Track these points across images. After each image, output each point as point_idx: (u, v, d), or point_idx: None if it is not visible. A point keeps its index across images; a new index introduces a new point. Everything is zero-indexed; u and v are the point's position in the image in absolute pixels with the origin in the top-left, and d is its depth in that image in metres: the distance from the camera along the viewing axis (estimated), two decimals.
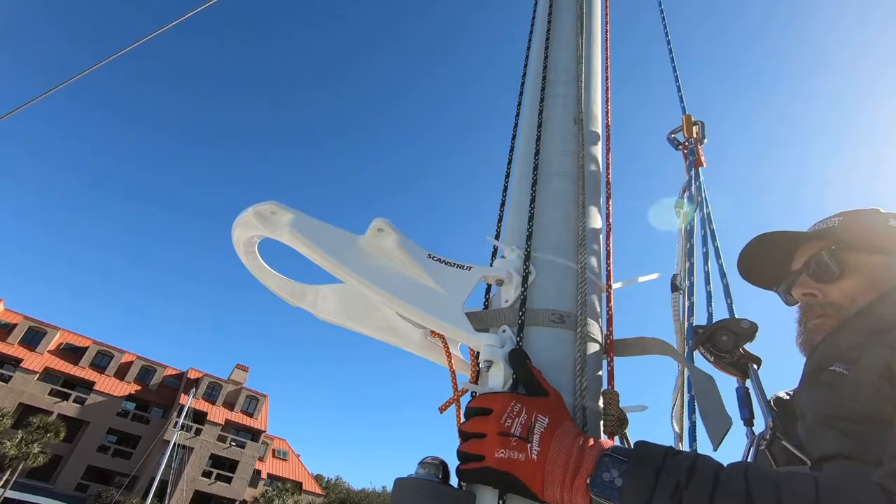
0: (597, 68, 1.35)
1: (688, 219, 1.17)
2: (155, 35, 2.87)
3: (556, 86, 1.23)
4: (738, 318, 0.76)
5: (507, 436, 0.68)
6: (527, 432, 0.67)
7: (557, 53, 1.30)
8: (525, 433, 0.67)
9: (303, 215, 0.89)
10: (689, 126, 1.34)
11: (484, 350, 0.83)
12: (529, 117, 1.21)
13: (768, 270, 1.10)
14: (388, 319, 1.04)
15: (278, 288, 1.11)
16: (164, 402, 38.60)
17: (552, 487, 0.63)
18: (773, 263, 1.08)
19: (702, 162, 1.29)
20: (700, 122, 1.36)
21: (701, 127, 1.35)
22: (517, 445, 0.66)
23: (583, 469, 0.62)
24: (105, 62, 2.83)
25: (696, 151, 1.31)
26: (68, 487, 32.64)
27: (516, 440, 0.67)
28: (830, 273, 0.96)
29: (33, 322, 35.97)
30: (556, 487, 0.63)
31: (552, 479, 0.63)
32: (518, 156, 1.19)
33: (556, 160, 1.10)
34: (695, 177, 1.26)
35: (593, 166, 1.13)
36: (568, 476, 0.62)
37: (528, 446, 0.66)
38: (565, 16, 1.39)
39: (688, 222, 1.17)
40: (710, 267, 1.13)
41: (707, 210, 1.18)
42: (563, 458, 0.64)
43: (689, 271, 1.14)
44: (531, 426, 0.68)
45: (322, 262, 0.87)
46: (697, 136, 1.33)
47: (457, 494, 0.70)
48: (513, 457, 0.66)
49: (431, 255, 0.92)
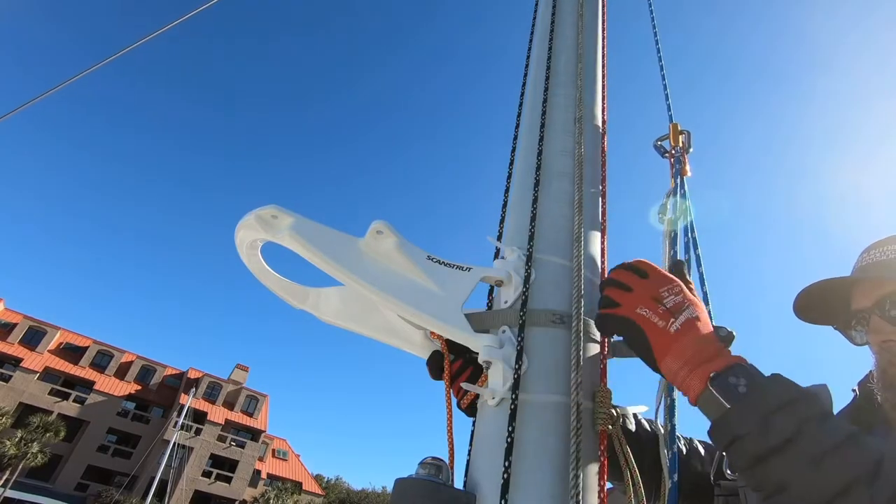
0: (597, 68, 1.35)
1: (671, 226, 1.18)
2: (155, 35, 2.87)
3: (558, 86, 1.23)
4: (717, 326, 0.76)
5: (658, 302, 0.73)
6: (677, 309, 0.72)
7: (559, 54, 1.30)
8: (676, 309, 0.72)
9: (303, 218, 0.90)
10: (676, 135, 1.35)
11: (483, 351, 0.83)
12: (531, 118, 1.22)
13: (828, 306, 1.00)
14: (389, 321, 1.05)
15: (280, 290, 1.11)
16: (164, 402, 38.59)
17: (675, 361, 0.69)
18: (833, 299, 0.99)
19: (687, 171, 1.30)
20: (686, 131, 1.37)
21: (687, 136, 1.36)
22: (663, 314, 0.72)
23: (714, 363, 0.66)
24: (105, 63, 2.83)
25: (681, 160, 1.31)
26: (68, 487, 32.64)
27: (664, 310, 0.72)
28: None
29: (33, 321, 35.96)
30: (678, 363, 0.68)
31: (679, 355, 0.68)
32: (519, 156, 1.19)
33: (557, 160, 1.10)
34: (680, 185, 1.26)
35: (591, 166, 1.14)
36: (695, 360, 0.67)
37: (671, 319, 0.71)
38: (567, 17, 1.39)
39: (672, 229, 1.18)
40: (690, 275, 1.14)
41: (690, 218, 1.19)
42: (699, 345, 0.68)
43: None
44: (682, 308, 0.73)
45: (322, 265, 0.87)
46: (683, 146, 1.34)
47: (457, 495, 0.71)
48: (653, 319, 0.72)
49: (430, 257, 0.93)
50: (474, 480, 0.77)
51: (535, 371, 0.82)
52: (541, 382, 0.81)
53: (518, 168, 1.17)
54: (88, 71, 2.82)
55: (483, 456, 0.79)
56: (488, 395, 0.83)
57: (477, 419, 0.87)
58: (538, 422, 0.77)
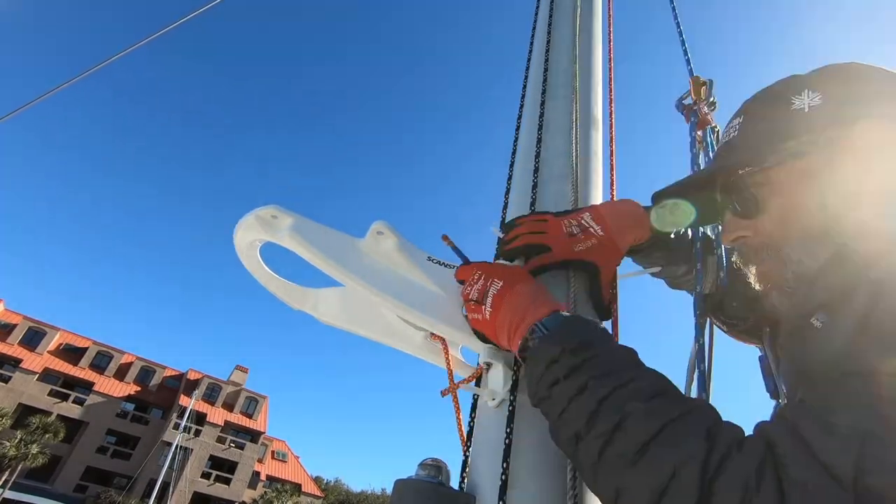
0: (597, 68, 1.35)
1: None
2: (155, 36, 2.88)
3: (558, 87, 1.23)
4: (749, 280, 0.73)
5: (468, 301, 0.80)
6: (482, 296, 0.77)
7: (559, 54, 1.30)
8: (481, 297, 0.77)
9: (303, 219, 0.90)
10: (698, 88, 1.24)
11: (483, 351, 0.83)
12: (531, 118, 1.21)
13: None
14: (389, 322, 1.05)
15: (279, 291, 1.11)
16: (164, 403, 38.55)
17: (503, 340, 0.74)
18: None
19: (708, 121, 1.19)
20: (709, 80, 1.25)
21: (708, 86, 1.24)
22: (475, 308, 0.78)
23: (520, 329, 0.69)
24: (105, 63, 2.83)
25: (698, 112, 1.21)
26: (67, 488, 32.59)
27: (474, 304, 0.78)
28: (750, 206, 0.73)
29: (33, 322, 35.94)
30: (504, 340, 0.73)
31: (501, 334, 0.73)
32: (519, 158, 1.19)
33: (555, 162, 1.10)
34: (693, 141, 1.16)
35: (588, 167, 1.13)
36: (511, 332, 0.71)
37: (482, 308, 0.76)
38: (566, 17, 1.39)
39: None
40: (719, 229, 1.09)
41: None
42: (508, 317, 0.72)
43: None
44: (486, 290, 0.77)
45: (322, 266, 0.87)
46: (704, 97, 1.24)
47: (456, 496, 0.71)
48: (476, 318, 0.79)
49: (431, 258, 0.92)
50: (473, 481, 0.77)
51: None
52: None
53: (517, 170, 1.17)
54: (89, 71, 2.82)
55: (482, 457, 0.78)
56: (488, 396, 0.83)
57: (476, 420, 0.86)
58: (537, 423, 0.77)
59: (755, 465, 0.45)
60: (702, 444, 0.47)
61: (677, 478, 0.46)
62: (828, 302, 0.58)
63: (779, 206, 0.70)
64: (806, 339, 0.59)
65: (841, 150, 0.65)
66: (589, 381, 0.57)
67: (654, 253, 1.06)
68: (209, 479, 35.80)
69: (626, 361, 0.61)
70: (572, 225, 0.91)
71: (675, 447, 0.48)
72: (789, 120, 0.69)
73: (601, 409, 0.54)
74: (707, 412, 0.53)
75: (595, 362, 0.59)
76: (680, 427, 0.50)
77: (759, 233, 0.74)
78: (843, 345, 0.52)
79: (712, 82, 1.27)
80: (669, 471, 0.47)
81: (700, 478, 0.45)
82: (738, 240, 0.78)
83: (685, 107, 1.28)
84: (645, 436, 0.50)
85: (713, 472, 0.45)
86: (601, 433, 0.53)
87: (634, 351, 0.64)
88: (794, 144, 0.68)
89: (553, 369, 0.61)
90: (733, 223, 0.77)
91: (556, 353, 0.62)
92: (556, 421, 0.60)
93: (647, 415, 0.52)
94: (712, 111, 1.26)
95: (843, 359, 0.51)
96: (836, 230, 0.64)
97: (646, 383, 0.56)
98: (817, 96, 0.68)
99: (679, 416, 0.51)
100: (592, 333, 0.64)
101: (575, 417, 0.56)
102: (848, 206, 0.64)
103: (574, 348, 0.61)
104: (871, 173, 0.63)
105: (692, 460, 0.46)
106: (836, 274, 0.60)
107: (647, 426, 0.51)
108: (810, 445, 0.44)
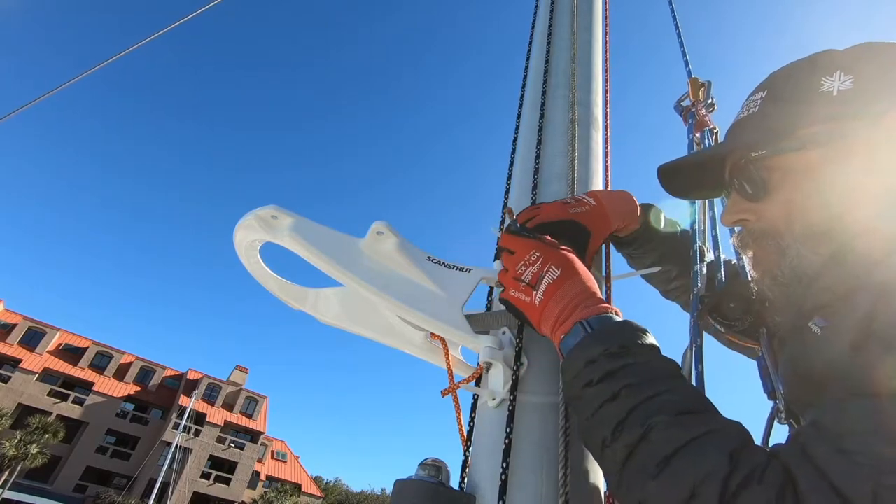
0: (597, 68, 1.35)
1: None
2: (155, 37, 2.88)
3: (557, 87, 1.23)
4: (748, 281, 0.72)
5: (520, 280, 0.76)
6: (536, 280, 0.74)
7: (559, 54, 1.30)
8: (535, 281, 0.74)
9: (303, 219, 0.90)
10: (696, 89, 1.23)
11: (483, 352, 0.83)
12: (530, 119, 1.21)
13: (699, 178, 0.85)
14: (389, 322, 1.05)
15: (279, 291, 1.11)
16: (164, 403, 38.52)
17: (546, 330, 0.73)
18: None
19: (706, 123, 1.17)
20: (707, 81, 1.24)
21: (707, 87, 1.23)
22: (525, 290, 0.75)
23: (566, 324, 0.68)
24: (106, 63, 2.83)
25: (696, 113, 1.20)
26: (67, 488, 32.57)
27: (525, 286, 0.75)
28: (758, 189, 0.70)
29: (33, 322, 35.91)
30: (547, 330, 0.72)
31: (546, 324, 0.72)
32: (519, 158, 1.19)
33: (554, 162, 1.10)
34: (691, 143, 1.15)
35: (586, 167, 1.13)
36: (556, 325, 0.70)
37: (533, 293, 0.74)
38: (566, 17, 1.39)
39: None
40: (718, 230, 1.08)
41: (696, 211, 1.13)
42: (558, 310, 0.70)
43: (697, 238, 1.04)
44: (541, 276, 0.74)
45: (322, 266, 0.87)
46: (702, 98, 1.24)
47: (456, 496, 0.71)
48: (521, 298, 0.76)
49: (431, 258, 0.92)
50: (473, 481, 0.77)
51: (534, 372, 0.82)
52: (539, 383, 0.81)
53: (517, 170, 1.17)
54: (89, 72, 2.82)
55: (482, 457, 0.79)
56: (488, 396, 0.83)
57: (476, 420, 0.86)
58: (537, 422, 0.77)
59: (774, 493, 0.45)
60: (723, 464, 0.47)
61: (696, 496, 0.46)
62: (827, 304, 0.58)
63: (787, 194, 0.67)
64: (806, 343, 0.58)
65: (863, 143, 0.62)
66: (622, 389, 0.57)
67: (645, 246, 1.07)
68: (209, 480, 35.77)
69: (665, 373, 0.59)
70: (567, 199, 0.98)
71: (696, 464, 0.48)
72: (814, 103, 0.65)
73: (629, 419, 0.54)
74: (734, 433, 0.52)
75: (632, 370, 0.58)
76: (703, 445, 0.50)
77: (762, 218, 0.71)
78: (846, 354, 0.51)
79: (711, 84, 1.26)
80: (689, 486, 0.47)
81: (719, 498, 0.45)
82: (739, 222, 0.76)
83: (684, 108, 1.28)
84: (668, 449, 0.50)
85: (731, 495, 0.45)
86: (627, 443, 0.53)
87: (677, 364, 0.62)
88: (815, 132, 0.64)
89: (589, 370, 0.60)
90: (737, 204, 0.75)
91: (594, 355, 0.61)
92: (585, 423, 0.60)
93: (672, 429, 0.51)
94: (710, 112, 1.26)
95: (849, 373, 0.50)
96: (841, 228, 0.62)
97: (679, 397, 0.55)
98: (849, 79, 0.64)
99: (705, 433, 0.51)
100: (636, 340, 0.62)
101: (604, 423, 0.56)
102: (857, 203, 0.61)
103: (614, 353, 0.60)
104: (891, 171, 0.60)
105: (712, 479, 0.46)
106: (837, 274, 0.59)
107: (670, 440, 0.51)
108: (827, 475, 0.44)
